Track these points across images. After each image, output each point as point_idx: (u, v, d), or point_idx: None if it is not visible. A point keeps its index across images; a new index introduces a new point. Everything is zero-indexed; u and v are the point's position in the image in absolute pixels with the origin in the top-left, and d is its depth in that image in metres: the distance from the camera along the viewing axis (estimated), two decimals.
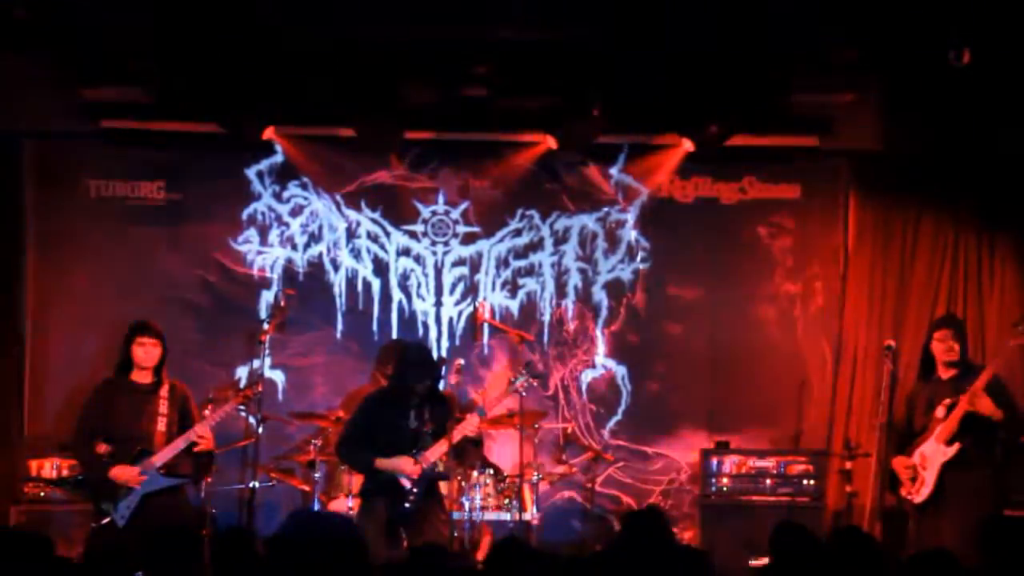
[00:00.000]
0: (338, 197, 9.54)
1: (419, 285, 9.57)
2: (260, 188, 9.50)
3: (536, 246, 9.66)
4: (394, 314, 9.52)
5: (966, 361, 7.56)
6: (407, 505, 7.03)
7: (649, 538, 4.77)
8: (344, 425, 7.58)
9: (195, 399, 7.53)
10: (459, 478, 7.92)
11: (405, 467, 7.05)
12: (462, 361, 7.60)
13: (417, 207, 9.61)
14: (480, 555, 8.23)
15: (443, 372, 7.40)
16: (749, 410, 9.43)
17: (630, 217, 9.65)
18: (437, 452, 7.12)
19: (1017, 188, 9.30)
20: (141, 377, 7.30)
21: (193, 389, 7.62)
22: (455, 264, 9.62)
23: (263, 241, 9.48)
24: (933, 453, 7.36)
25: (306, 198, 9.52)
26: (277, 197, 9.51)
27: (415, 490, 7.05)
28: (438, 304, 9.57)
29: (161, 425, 7.22)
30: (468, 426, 7.23)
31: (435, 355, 7.91)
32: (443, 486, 7.50)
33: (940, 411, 7.41)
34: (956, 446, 7.30)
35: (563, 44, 8.16)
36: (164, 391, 7.29)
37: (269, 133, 9.19)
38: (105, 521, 7.05)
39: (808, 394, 9.36)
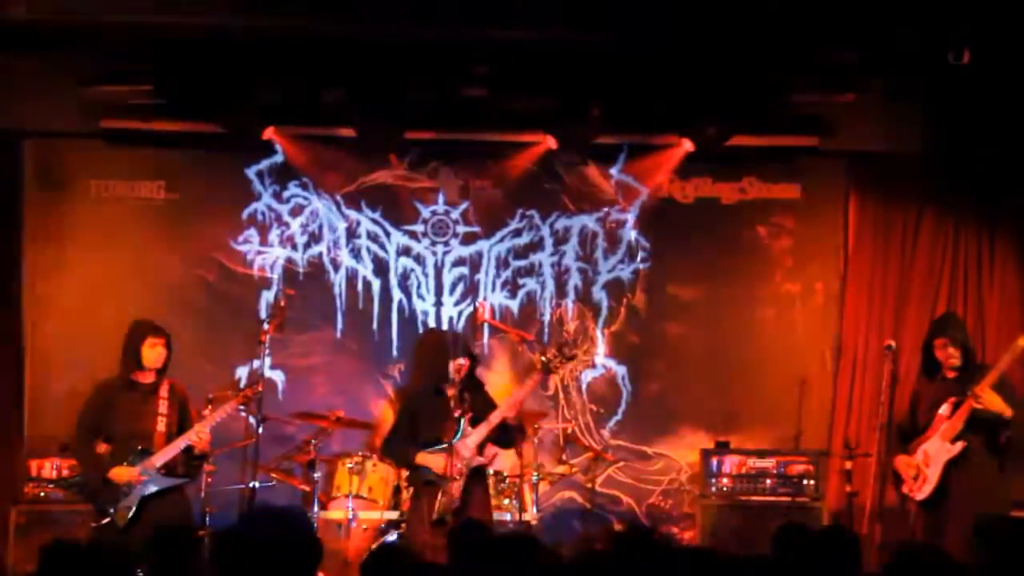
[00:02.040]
0: (338, 197, 9.54)
1: (419, 285, 9.57)
2: (260, 188, 9.50)
3: (536, 246, 9.66)
4: (394, 314, 9.52)
5: (971, 361, 7.56)
6: (451, 494, 7.15)
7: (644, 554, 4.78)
8: (392, 425, 7.78)
9: (195, 399, 7.53)
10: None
11: (443, 467, 7.19)
12: (462, 361, 7.60)
13: (417, 207, 9.61)
14: None
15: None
16: (749, 410, 9.43)
17: (630, 217, 9.65)
18: (475, 441, 7.18)
19: (1017, 187, 9.30)
20: (143, 377, 7.30)
21: (193, 389, 7.62)
22: (455, 264, 9.61)
23: (263, 241, 9.48)
24: (937, 451, 7.36)
25: (306, 198, 9.52)
26: (277, 197, 9.51)
27: (459, 480, 7.14)
28: (438, 304, 9.57)
29: (161, 425, 7.22)
30: (496, 418, 7.29)
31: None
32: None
33: (945, 409, 7.40)
34: (961, 444, 7.29)
35: (563, 44, 8.16)
36: (164, 391, 7.29)
37: (269, 133, 9.18)
38: (105, 521, 7.05)
39: (808, 394, 9.35)
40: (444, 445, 7.26)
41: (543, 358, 7.53)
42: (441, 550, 6.89)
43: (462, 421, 7.24)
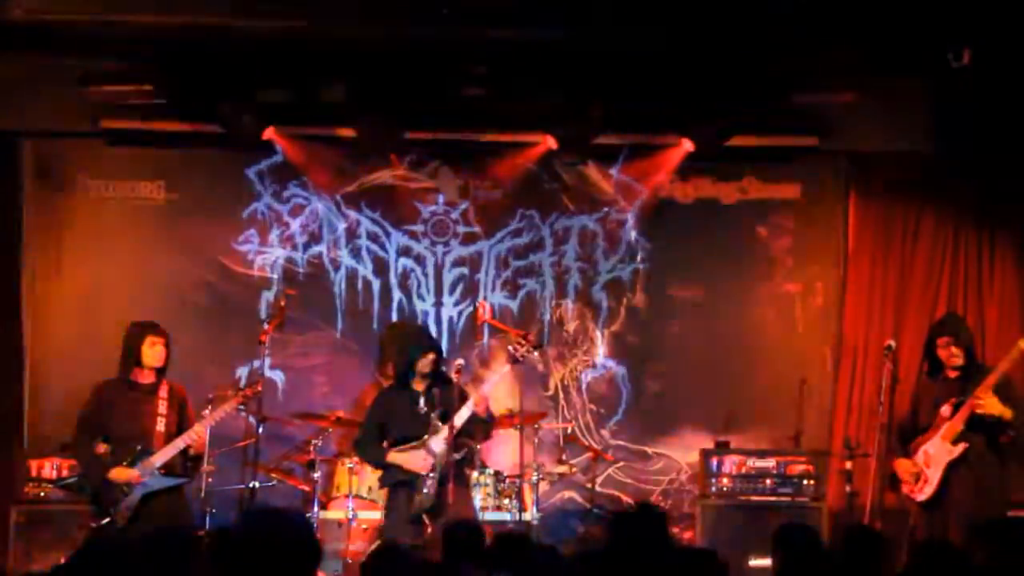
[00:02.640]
0: (338, 197, 9.53)
1: (419, 285, 9.57)
2: (260, 188, 9.50)
3: (536, 246, 9.65)
4: (394, 314, 9.51)
5: (973, 361, 7.55)
6: (425, 492, 7.11)
7: (643, 539, 4.78)
8: (360, 425, 7.69)
9: (195, 399, 7.53)
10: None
11: (414, 464, 7.13)
12: (462, 361, 7.59)
13: (417, 207, 9.61)
14: None
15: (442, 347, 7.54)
16: (749, 410, 9.42)
17: (630, 217, 9.64)
18: (446, 436, 7.16)
19: (1017, 188, 9.30)
20: (143, 377, 7.30)
21: (193, 389, 7.62)
22: (455, 264, 9.61)
23: (263, 241, 9.48)
24: (938, 452, 7.35)
25: (306, 198, 9.52)
26: (277, 197, 9.50)
27: (432, 476, 7.10)
28: (438, 304, 9.56)
29: (160, 425, 7.22)
30: (466, 411, 7.24)
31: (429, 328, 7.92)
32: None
33: (946, 410, 7.39)
34: (962, 445, 7.28)
35: (563, 44, 8.16)
36: (163, 391, 7.29)
37: (269, 133, 9.17)
38: (105, 521, 7.05)
39: (808, 394, 9.34)
40: (415, 442, 7.24)
41: (509, 347, 7.54)
42: (420, 549, 6.90)
43: (431, 417, 7.22)
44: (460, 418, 7.19)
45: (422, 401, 7.27)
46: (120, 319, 7.74)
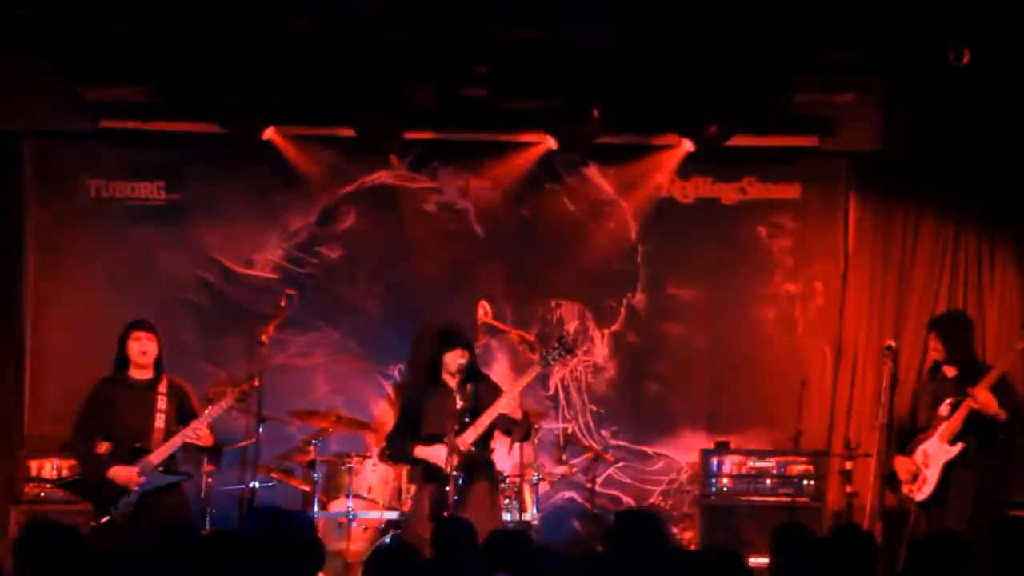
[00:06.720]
0: (338, 197, 9.52)
1: None
2: (260, 188, 9.49)
3: (536, 246, 9.62)
4: (395, 314, 9.50)
5: (970, 359, 7.55)
6: (447, 489, 7.08)
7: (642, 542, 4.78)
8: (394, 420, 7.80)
9: (195, 399, 7.53)
10: None
11: (439, 458, 7.12)
12: (461, 352, 7.59)
13: (417, 207, 9.59)
14: None
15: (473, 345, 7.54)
16: (749, 410, 9.43)
17: (630, 217, 9.64)
18: (473, 434, 7.15)
19: (1017, 188, 9.30)
20: (139, 374, 7.30)
21: (193, 389, 7.62)
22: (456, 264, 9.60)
23: (263, 241, 9.47)
24: (936, 451, 7.36)
25: (306, 198, 9.50)
26: (279, 197, 9.49)
27: (455, 474, 7.08)
28: None
29: (160, 422, 7.21)
30: (500, 407, 7.24)
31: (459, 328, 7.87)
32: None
33: (944, 409, 7.41)
34: (960, 445, 7.30)
35: (563, 44, 8.17)
36: (163, 387, 7.28)
37: (269, 133, 9.17)
38: (105, 520, 7.05)
39: (808, 394, 9.34)
40: (442, 438, 7.24)
41: (543, 350, 7.52)
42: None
43: (463, 415, 7.22)
44: (489, 417, 7.19)
45: (456, 397, 7.27)
46: (120, 319, 7.73)
